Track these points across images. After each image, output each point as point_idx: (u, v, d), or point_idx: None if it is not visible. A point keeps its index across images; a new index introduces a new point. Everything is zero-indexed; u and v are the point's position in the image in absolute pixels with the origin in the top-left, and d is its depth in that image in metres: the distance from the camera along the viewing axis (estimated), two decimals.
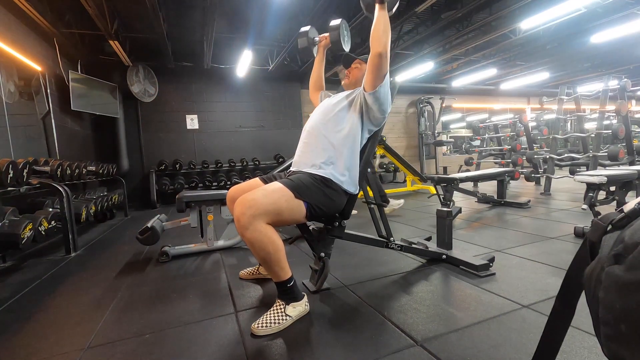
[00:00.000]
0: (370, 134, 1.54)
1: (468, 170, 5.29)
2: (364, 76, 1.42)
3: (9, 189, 2.12)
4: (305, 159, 1.46)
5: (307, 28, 1.73)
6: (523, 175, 4.60)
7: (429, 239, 2.11)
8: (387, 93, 1.44)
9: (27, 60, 3.23)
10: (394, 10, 1.39)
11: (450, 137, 10.16)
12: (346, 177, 1.42)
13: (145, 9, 3.44)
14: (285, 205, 1.24)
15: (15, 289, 1.82)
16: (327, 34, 1.69)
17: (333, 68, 5.77)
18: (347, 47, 1.66)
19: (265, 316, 1.24)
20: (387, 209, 3.50)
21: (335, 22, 1.60)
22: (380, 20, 1.31)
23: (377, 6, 1.32)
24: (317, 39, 1.76)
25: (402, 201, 3.69)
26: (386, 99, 1.44)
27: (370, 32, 1.34)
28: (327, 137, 1.44)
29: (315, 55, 1.80)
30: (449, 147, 9.53)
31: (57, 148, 3.59)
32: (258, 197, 1.19)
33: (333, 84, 5.94)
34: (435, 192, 4.15)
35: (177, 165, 5.52)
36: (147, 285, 1.78)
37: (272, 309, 1.28)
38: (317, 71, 1.84)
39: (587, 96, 4.41)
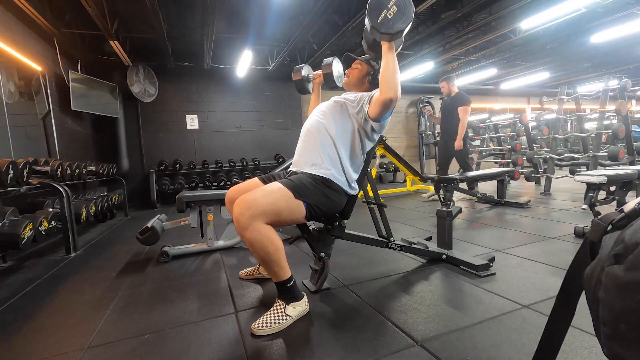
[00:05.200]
0: (370, 142, 1.53)
1: None
2: (371, 105, 1.40)
3: (9, 189, 2.12)
4: (305, 158, 1.46)
5: (301, 66, 1.80)
6: (523, 175, 4.60)
7: (429, 239, 2.11)
8: (389, 118, 1.47)
9: (27, 60, 3.23)
10: (398, 50, 1.38)
11: None
12: (344, 177, 1.43)
13: (145, 9, 3.44)
14: (285, 205, 1.25)
15: (15, 289, 1.82)
16: (320, 71, 1.72)
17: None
18: (339, 83, 1.69)
19: (265, 316, 1.24)
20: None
21: (327, 60, 1.65)
22: (390, 62, 1.26)
23: (385, 46, 1.26)
24: (311, 76, 1.81)
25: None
26: (388, 121, 1.48)
27: (380, 75, 1.29)
28: (327, 136, 1.45)
29: (311, 91, 1.85)
30: None
31: (57, 148, 3.59)
32: (257, 198, 1.19)
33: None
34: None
35: (177, 165, 5.52)
36: (147, 285, 1.78)
37: (272, 309, 1.28)
38: (314, 106, 1.83)
39: (587, 96, 4.41)
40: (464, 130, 3.90)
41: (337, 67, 1.67)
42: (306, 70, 1.80)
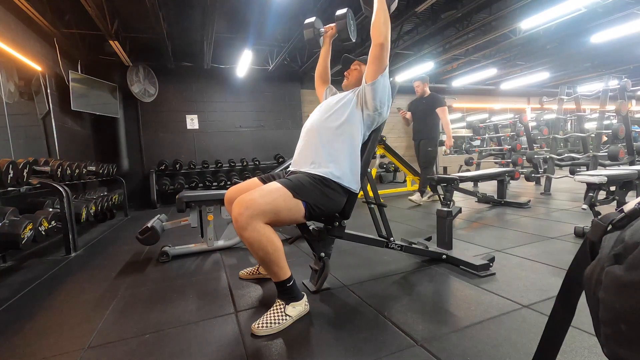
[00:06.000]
0: (370, 130, 1.54)
1: (468, 170, 5.28)
2: (366, 67, 1.45)
3: (9, 189, 2.12)
4: (305, 157, 1.46)
5: (312, 19, 1.72)
6: (523, 175, 4.60)
7: (429, 239, 2.11)
8: (387, 86, 1.45)
9: (27, 60, 3.23)
10: (393, 8, 1.38)
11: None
12: (347, 174, 1.42)
13: (145, 9, 3.44)
14: (284, 205, 1.24)
15: (15, 289, 1.82)
16: (332, 24, 1.70)
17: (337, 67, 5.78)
18: (353, 37, 1.66)
19: (265, 316, 1.24)
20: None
21: (341, 11, 1.61)
22: (381, 11, 1.34)
23: None
24: (322, 29, 1.76)
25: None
26: (385, 91, 1.45)
27: (371, 24, 1.36)
28: (326, 135, 1.44)
29: (321, 45, 1.80)
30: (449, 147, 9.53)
31: (57, 148, 3.59)
32: (256, 197, 1.19)
33: (334, 84, 5.95)
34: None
35: (177, 165, 5.52)
36: (147, 285, 1.78)
37: (272, 309, 1.27)
38: (323, 62, 1.84)
39: (587, 96, 4.41)
40: (449, 128, 3.94)
41: (351, 20, 1.65)
42: (317, 24, 1.75)
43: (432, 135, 4.00)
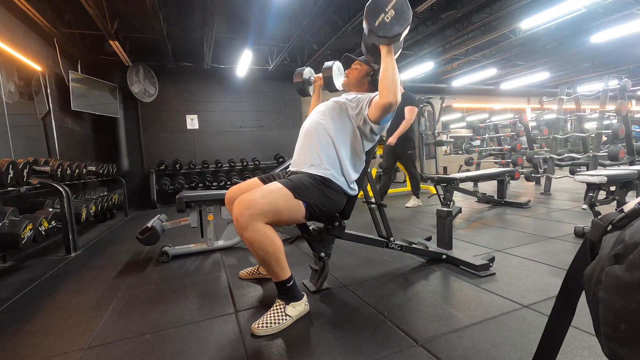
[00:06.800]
0: (368, 145, 1.53)
1: (468, 170, 5.28)
2: (370, 108, 1.39)
3: (9, 189, 2.12)
4: (304, 158, 1.46)
5: (302, 69, 1.79)
6: (523, 175, 4.60)
7: (429, 239, 2.11)
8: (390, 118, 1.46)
9: (27, 60, 3.23)
10: (397, 54, 1.35)
11: (450, 137, 10.16)
12: (343, 177, 1.43)
13: (145, 9, 3.44)
14: (284, 205, 1.25)
15: (15, 289, 1.82)
16: (321, 74, 1.70)
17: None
18: (339, 87, 1.69)
19: (265, 316, 1.24)
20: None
21: (328, 64, 1.65)
22: (389, 66, 1.24)
23: (384, 50, 1.25)
24: (312, 78, 1.81)
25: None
26: (388, 124, 1.48)
27: (379, 79, 1.28)
28: (326, 136, 1.44)
29: (311, 94, 1.85)
30: (449, 147, 9.54)
31: (57, 148, 3.59)
32: (256, 197, 1.19)
33: None
34: (435, 192, 4.15)
35: (177, 165, 5.52)
36: (147, 285, 1.78)
37: (272, 309, 1.28)
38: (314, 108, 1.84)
39: (587, 96, 4.41)
40: (405, 128, 3.61)
41: (337, 71, 1.67)
42: (307, 73, 1.81)
43: (406, 135, 3.73)
